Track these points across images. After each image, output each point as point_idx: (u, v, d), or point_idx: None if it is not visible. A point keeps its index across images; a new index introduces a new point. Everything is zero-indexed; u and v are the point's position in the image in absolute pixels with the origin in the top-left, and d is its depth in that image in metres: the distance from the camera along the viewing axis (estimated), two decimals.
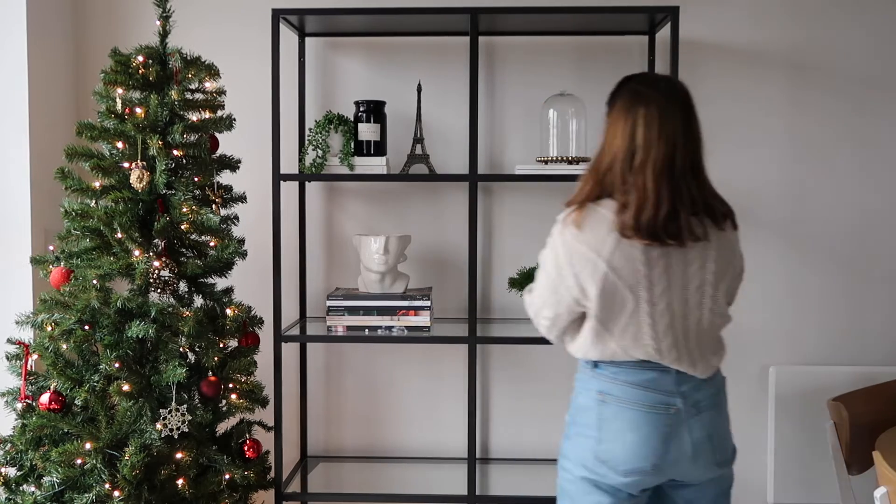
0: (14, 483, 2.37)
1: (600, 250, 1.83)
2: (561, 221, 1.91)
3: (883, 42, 2.99)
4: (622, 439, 1.87)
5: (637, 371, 1.88)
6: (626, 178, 1.84)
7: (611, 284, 1.83)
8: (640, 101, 1.86)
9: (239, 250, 2.50)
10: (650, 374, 1.88)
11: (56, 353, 2.34)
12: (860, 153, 3.02)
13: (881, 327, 3.05)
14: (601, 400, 1.90)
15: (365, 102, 2.85)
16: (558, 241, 1.89)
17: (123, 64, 2.42)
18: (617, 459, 1.87)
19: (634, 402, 1.87)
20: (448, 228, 3.07)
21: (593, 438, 1.89)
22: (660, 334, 1.86)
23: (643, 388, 1.87)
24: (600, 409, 1.89)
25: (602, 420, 1.89)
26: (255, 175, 2.85)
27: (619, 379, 1.89)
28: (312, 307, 3.08)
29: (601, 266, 1.83)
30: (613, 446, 1.87)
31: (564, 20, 2.81)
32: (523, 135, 3.03)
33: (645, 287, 1.84)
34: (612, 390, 1.89)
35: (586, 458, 1.90)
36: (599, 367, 1.92)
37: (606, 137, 1.90)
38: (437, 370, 3.11)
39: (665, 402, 1.87)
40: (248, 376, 2.55)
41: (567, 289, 1.88)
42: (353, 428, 3.14)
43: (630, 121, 1.85)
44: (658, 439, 1.86)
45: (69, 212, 2.39)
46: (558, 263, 1.88)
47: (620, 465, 1.86)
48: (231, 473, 2.45)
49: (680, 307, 1.87)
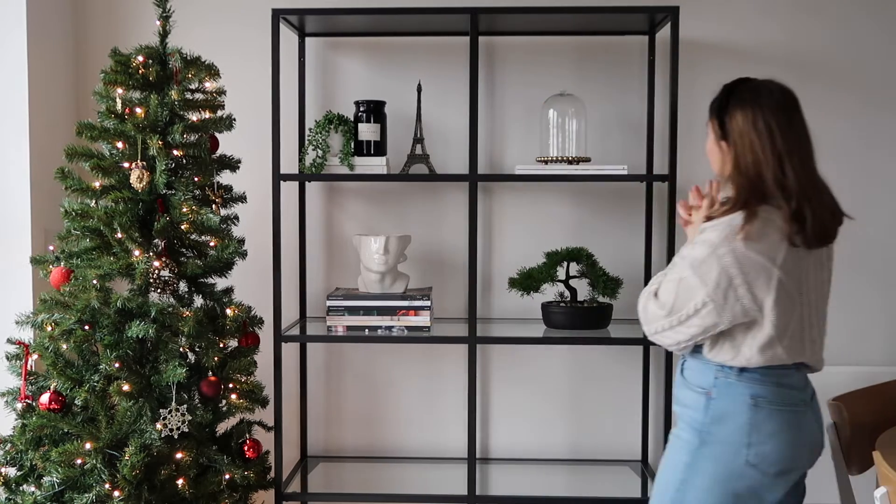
0: (14, 483, 2.37)
1: (775, 258, 1.84)
2: (723, 231, 1.85)
3: (883, 42, 2.99)
4: (775, 441, 1.88)
5: (781, 372, 1.91)
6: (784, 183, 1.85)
7: (784, 292, 1.85)
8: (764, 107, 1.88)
9: (239, 250, 2.50)
10: (790, 373, 1.92)
11: (56, 353, 2.34)
12: (860, 153, 3.02)
13: (881, 327, 3.05)
14: (753, 404, 1.88)
15: (365, 102, 2.85)
16: (725, 252, 1.84)
17: (123, 64, 2.42)
18: (770, 461, 1.88)
19: (784, 402, 1.90)
20: (448, 228, 3.07)
21: (742, 444, 1.88)
22: (814, 335, 1.93)
23: (788, 388, 1.91)
24: (752, 414, 1.88)
25: (754, 424, 1.88)
26: (255, 175, 2.85)
27: (770, 381, 1.89)
28: (312, 307, 3.08)
29: (776, 273, 1.84)
30: (764, 448, 1.87)
31: (564, 20, 2.81)
32: (523, 135, 3.03)
33: (804, 291, 1.89)
34: (764, 393, 1.89)
35: (732, 467, 1.89)
36: (748, 371, 1.90)
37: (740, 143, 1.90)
38: (437, 370, 3.11)
39: (803, 399, 1.93)
40: (248, 376, 2.55)
41: (737, 299, 1.84)
42: (353, 428, 3.14)
43: (762, 125, 1.87)
44: (805, 436, 1.91)
45: (69, 212, 2.39)
46: (728, 274, 1.84)
47: (773, 467, 1.88)
48: (231, 473, 2.45)
49: (819, 306, 1.95)
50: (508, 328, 2.90)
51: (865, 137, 3.02)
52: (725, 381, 1.91)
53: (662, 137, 2.94)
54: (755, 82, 1.96)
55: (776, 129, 1.86)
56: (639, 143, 3.00)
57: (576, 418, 3.09)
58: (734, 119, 1.91)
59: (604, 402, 3.09)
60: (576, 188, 3.04)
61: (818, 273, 1.94)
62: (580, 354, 3.07)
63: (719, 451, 1.90)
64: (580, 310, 2.80)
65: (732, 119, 1.91)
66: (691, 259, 1.89)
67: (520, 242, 3.05)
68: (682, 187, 2.93)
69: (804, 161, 1.89)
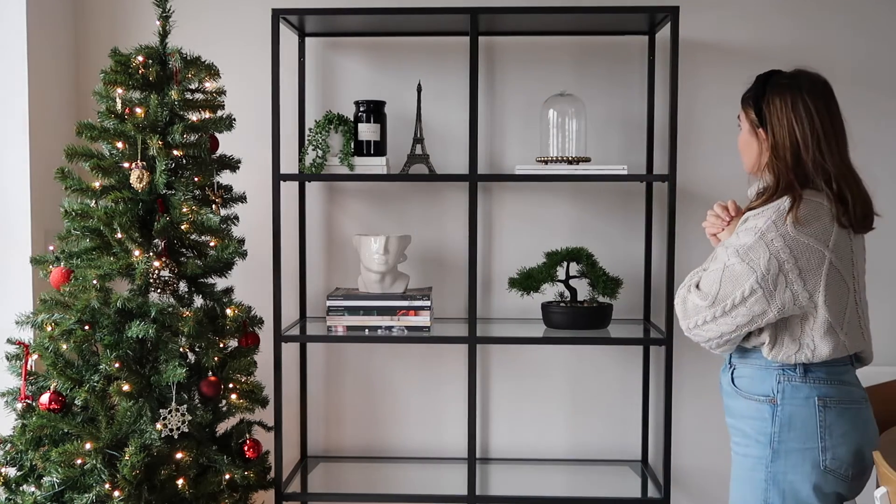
0: (14, 483, 2.37)
1: (827, 241, 1.81)
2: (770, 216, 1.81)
3: (882, 42, 2.99)
4: (848, 442, 1.84)
5: (842, 369, 1.88)
6: (824, 166, 1.84)
7: (838, 275, 1.82)
8: (803, 92, 1.88)
9: (239, 250, 2.50)
10: (849, 369, 1.90)
11: (56, 353, 2.34)
12: (860, 153, 3.00)
13: (881, 327, 3.04)
14: (822, 405, 1.84)
15: (365, 102, 2.85)
16: (774, 236, 1.79)
17: (123, 64, 2.42)
18: (847, 464, 1.84)
19: (851, 400, 1.87)
20: (448, 228, 3.07)
21: (816, 449, 1.83)
22: (864, 323, 1.90)
23: (850, 385, 1.89)
24: (823, 416, 1.83)
25: (826, 427, 1.83)
26: (255, 175, 2.85)
27: (836, 380, 1.86)
28: (312, 307, 3.08)
29: (828, 256, 1.80)
30: (840, 451, 1.83)
31: (564, 20, 2.81)
32: (523, 135, 3.03)
33: (853, 276, 1.86)
34: (831, 393, 1.85)
35: (810, 474, 1.84)
36: (812, 371, 1.86)
37: (779, 127, 1.88)
38: (437, 370, 3.11)
39: (863, 395, 1.91)
40: (248, 376, 2.55)
41: (787, 285, 1.79)
42: (353, 428, 3.14)
43: (801, 109, 1.87)
44: (871, 433, 1.89)
45: (69, 212, 2.39)
46: (779, 260, 1.78)
47: (850, 469, 1.84)
48: (231, 473, 2.45)
49: (862, 295, 1.92)
50: (508, 328, 2.91)
51: (868, 137, 3.00)
52: (790, 384, 1.85)
53: (662, 137, 2.94)
54: (790, 72, 1.96)
55: (815, 113, 1.86)
56: (639, 143, 3.00)
57: (576, 418, 3.09)
58: (773, 104, 1.89)
59: (604, 402, 3.09)
60: (576, 188, 3.04)
61: (861, 261, 1.93)
62: (580, 354, 3.07)
63: (796, 461, 1.84)
64: (580, 310, 2.80)
65: (771, 104, 1.90)
66: (737, 246, 1.82)
67: (520, 242, 3.05)
68: (682, 187, 2.93)
69: (841, 147, 1.89)
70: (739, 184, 2.97)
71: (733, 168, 2.99)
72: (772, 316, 1.82)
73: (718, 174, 2.98)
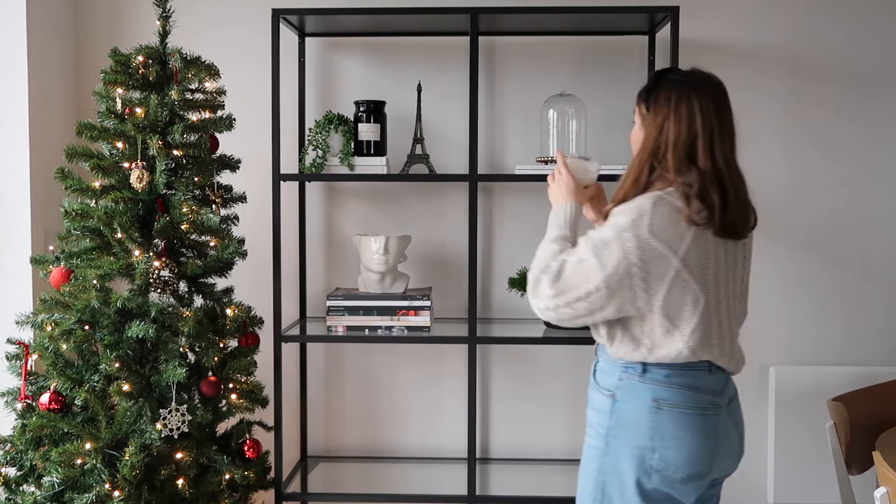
0: (14, 483, 2.37)
1: (677, 248, 1.78)
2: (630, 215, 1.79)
3: (883, 41, 2.99)
4: (678, 446, 1.82)
5: (689, 373, 1.84)
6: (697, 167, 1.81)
7: (683, 283, 1.79)
8: (691, 90, 1.85)
9: (239, 250, 2.50)
10: (701, 375, 1.85)
11: (56, 353, 2.34)
12: (860, 153, 3.02)
13: (881, 327, 3.05)
14: (656, 407, 1.83)
15: (365, 102, 2.85)
16: (629, 237, 1.78)
17: (123, 64, 2.42)
18: (675, 466, 1.82)
19: (689, 405, 1.83)
20: (448, 228, 3.07)
21: (645, 448, 1.83)
22: (723, 333, 1.85)
23: (696, 391, 1.84)
24: (655, 418, 1.83)
25: (656, 429, 1.83)
26: (255, 175, 2.85)
27: (675, 383, 1.84)
28: (312, 307, 3.08)
29: (674, 264, 1.78)
30: (668, 454, 1.82)
31: (564, 20, 2.81)
32: (523, 135, 3.03)
33: (712, 285, 1.82)
34: (667, 396, 1.83)
35: (636, 470, 1.84)
36: (650, 372, 1.85)
37: (653, 127, 1.86)
38: (437, 370, 3.11)
39: (714, 402, 1.86)
40: (248, 376, 2.55)
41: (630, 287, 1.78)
42: (353, 428, 3.14)
43: (685, 109, 1.83)
44: (714, 441, 1.84)
45: (69, 212, 2.39)
46: (628, 261, 1.77)
47: (679, 472, 1.82)
48: (231, 473, 2.45)
49: (729, 304, 1.87)
50: (508, 328, 2.91)
51: (867, 136, 3.01)
52: (629, 382, 1.86)
53: None
54: (687, 70, 1.95)
55: (699, 112, 1.83)
56: None
57: (576, 418, 3.09)
58: (658, 100, 1.88)
59: None
60: None
61: (732, 269, 1.88)
62: (580, 354, 3.07)
63: (625, 455, 1.85)
64: None
65: (656, 100, 1.88)
66: (596, 240, 1.82)
67: (520, 242, 3.05)
68: None
69: (724, 150, 1.84)
70: None
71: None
72: (609, 313, 1.82)
73: None
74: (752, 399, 3.02)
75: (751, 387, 3.02)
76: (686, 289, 1.79)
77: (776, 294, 3.03)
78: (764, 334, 3.03)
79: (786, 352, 3.04)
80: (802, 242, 3.03)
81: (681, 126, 1.83)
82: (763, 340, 3.03)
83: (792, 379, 2.98)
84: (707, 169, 1.81)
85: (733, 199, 1.82)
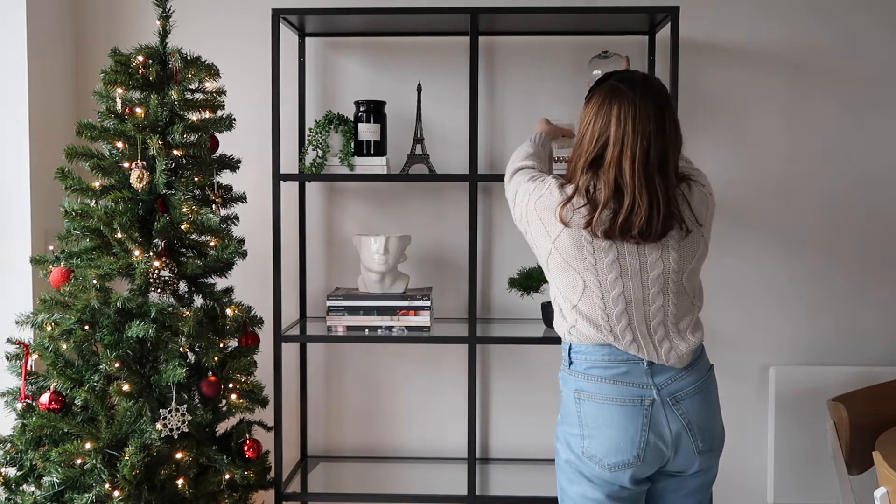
0: (14, 483, 2.37)
1: (552, 232, 1.90)
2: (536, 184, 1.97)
3: (882, 41, 2.99)
4: (601, 435, 1.90)
5: (609, 366, 1.91)
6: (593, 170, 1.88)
7: (560, 262, 1.92)
8: (616, 95, 1.88)
9: (239, 250, 2.50)
10: (622, 368, 1.91)
11: (56, 353, 2.34)
12: (860, 152, 3.02)
13: (881, 327, 3.05)
14: (578, 398, 1.94)
15: (365, 102, 2.85)
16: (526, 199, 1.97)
17: (123, 64, 2.42)
18: (601, 454, 1.90)
19: (609, 397, 1.91)
20: (448, 228, 3.07)
21: (577, 435, 1.94)
22: (612, 318, 1.90)
23: (616, 383, 1.91)
24: (579, 407, 1.94)
25: (581, 417, 1.93)
26: (255, 175, 2.85)
27: (593, 375, 1.92)
28: (312, 307, 3.08)
29: (548, 245, 1.92)
30: (594, 442, 1.91)
31: (564, 20, 2.81)
32: (523, 135, 3.02)
33: (594, 274, 1.89)
34: (586, 387, 1.93)
35: (574, 450, 1.95)
36: (574, 364, 1.96)
37: (580, 128, 1.94)
38: (437, 370, 3.11)
39: (639, 395, 1.90)
40: (248, 376, 2.55)
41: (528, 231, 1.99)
42: (353, 428, 3.14)
43: (604, 114, 1.88)
44: (636, 432, 1.89)
45: (69, 212, 2.39)
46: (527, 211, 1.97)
47: (605, 460, 1.90)
48: (231, 473, 2.45)
49: (638, 295, 1.90)
50: (508, 328, 2.91)
51: (866, 136, 3.02)
52: (562, 373, 2.00)
53: None
54: (629, 73, 1.97)
55: (623, 116, 1.85)
56: None
57: None
58: (590, 100, 1.94)
59: None
60: None
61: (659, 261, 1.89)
62: None
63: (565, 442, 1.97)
64: None
65: (588, 101, 1.95)
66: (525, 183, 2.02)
67: (520, 242, 3.04)
68: None
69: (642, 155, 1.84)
70: (741, 182, 2.98)
71: (732, 167, 2.99)
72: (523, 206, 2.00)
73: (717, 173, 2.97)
74: (751, 399, 3.02)
75: (751, 387, 3.02)
76: (566, 268, 1.91)
77: (776, 294, 3.03)
78: (764, 334, 3.03)
79: (786, 352, 3.04)
80: (802, 242, 3.03)
81: (595, 129, 1.90)
82: (763, 340, 3.03)
83: (792, 379, 2.98)
84: (609, 178, 1.86)
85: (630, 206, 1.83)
